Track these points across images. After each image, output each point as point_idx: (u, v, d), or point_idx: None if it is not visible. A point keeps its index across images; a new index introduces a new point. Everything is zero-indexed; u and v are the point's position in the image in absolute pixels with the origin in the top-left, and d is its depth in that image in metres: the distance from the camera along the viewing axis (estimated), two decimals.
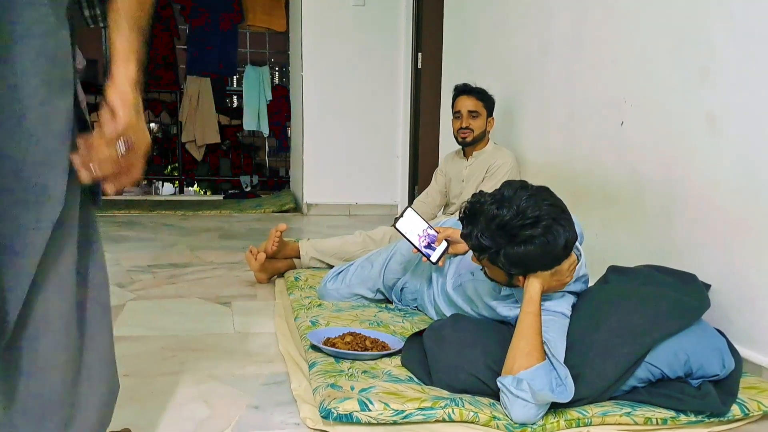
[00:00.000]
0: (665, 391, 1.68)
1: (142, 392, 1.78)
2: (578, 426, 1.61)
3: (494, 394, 1.66)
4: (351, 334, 2.04)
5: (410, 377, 1.79)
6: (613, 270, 2.06)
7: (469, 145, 3.43)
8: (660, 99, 2.36)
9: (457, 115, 3.41)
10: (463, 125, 3.38)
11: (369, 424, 1.55)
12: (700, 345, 1.72)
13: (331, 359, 1.88)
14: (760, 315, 1.93)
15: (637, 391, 1.71)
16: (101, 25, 5.61)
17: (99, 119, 1.04)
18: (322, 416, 1.55)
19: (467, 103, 3.36)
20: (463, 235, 1.78)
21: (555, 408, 1.63)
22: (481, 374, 1.69)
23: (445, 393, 1.69)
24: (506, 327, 1.90)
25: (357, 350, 1.93)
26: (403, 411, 1.56)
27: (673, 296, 1.78)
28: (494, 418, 1.59)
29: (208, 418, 1.64)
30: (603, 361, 1.67)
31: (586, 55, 2.85)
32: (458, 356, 1.73)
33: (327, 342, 1.98)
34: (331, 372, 1.77)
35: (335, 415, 1.53)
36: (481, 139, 3.42)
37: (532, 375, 1.58)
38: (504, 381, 1.60)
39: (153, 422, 1.61)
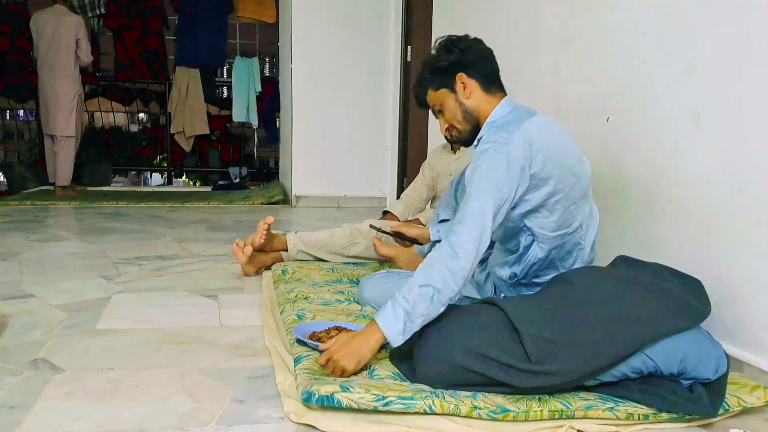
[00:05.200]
0: (657, 391, 1.68)
1: (126, 385, 1.79)
2: (561, 418, 1.62)
3: (479, 378, 1.67)
4: (336, 328, 2.04)
5: (393, 375, 1.79)
6: (623, 260, 2.05)
7: (457, 141, 3.43)
8: (645, 95, 2.37)
9: None
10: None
11: (350, 409, 1.55)
12: (699, 348, 1.72)
13: (317, 355, 1.88)
14: (741, 310, 1.95)
15: (628, 387, 1.71)
16: (89, 14, 5.70)
17: None
18: (303, 399, 1.56)
19: None
20: (417, 89, 2.20)
21: (540, 397, 1.65)
22: (462, 361, 1.68)
23: (425, 387, 1.69)
24: (485, 306, 1.89)
25: None
26: (384, 397, 1.56)
27: (680, 295, 1.78)
28: (475, 408, 1.59)
29: (192, 411, 1.64)
30: (603, 341, 1.66)
31: (573, 50, 2.86)
32: (437, 348, 1.74)
33: (312, 336, 1.98)
34: (315, 369, 1.77)
35: (317, 396, 1.54)
36: None
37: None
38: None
39: (137, 416, 1.61)
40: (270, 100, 7.88)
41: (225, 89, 9.06)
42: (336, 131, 6.07)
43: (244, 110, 7.73)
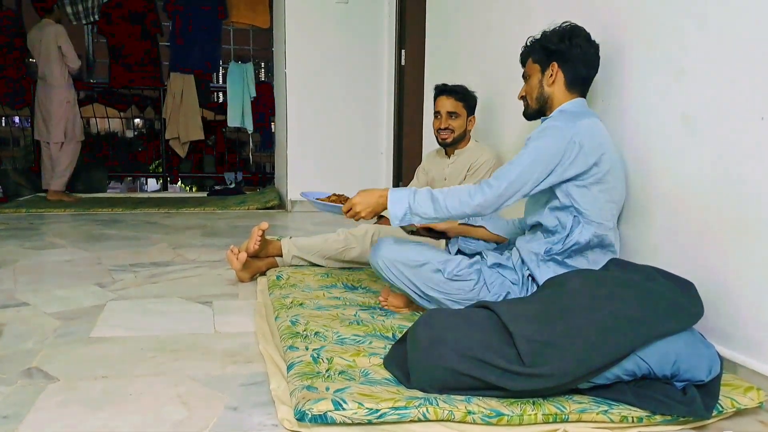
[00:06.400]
0: (651, 393, 1.69)
1: (120, 394, 1.79)
2: (555, 421, 1.62)
3: (473, 382, 1.68)
4: (335, 194, 2.61)
5: (387, 379, 1.79)
6: (616, 263, 2.07)
7: (449, 145, 3.43)
8: (636, 98, 2.38)
9: (437, 115, 3.40)
10: (443, 126, 3.37)
11: (344, 424, 1.55)
12: (691, 350, 1.72)
13: (309, 359, 1.89)
14: (734, 312, 1.95)
15: (621, 390, 1.71)
16: (83, 22, 5.76)
17: None
18: (296, 418, 1.56)
19: (446, 104, 3.35)
20: (524, 49, 2.44)
21: (534, 401, 1.65)
22: (456, 365, 1.69)
23: (419, 393, 1.69)
24: (478, 310, 1.90)
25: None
26: (377, 410, 1.57)
27: (673, 297, 1.78)
28: (469, 413, 1.60)
29: (185, 419, 1.64)
30: (596, 344, 1.66)
31: None
32: (430, 353, 1.74)
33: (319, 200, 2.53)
34: (308, 374, 1.77)
35: (310, 416, 1.54)
36: (461, 139, 3.41)
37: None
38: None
39: (130, 424, 1.61)
40: (265, 104, 7.88)
41: (220, 94, 9.06)
42: (331, 136, 6.07)
43: (239, 115, 7.72)
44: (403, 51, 5.58)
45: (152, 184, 11.83)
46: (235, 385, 1.86)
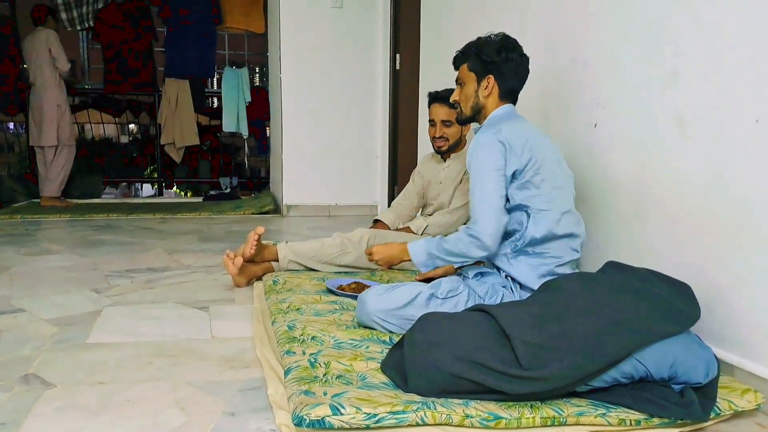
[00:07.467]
0: (649, 396, 1.69)
1: (117, 400, 1.78)
2: (553, 425, 1.62)
3: (470, 385, 1.68)
4: (356, 282, 2.83)
5: (384, 384, 1.79)
6: (612, 265, 2.07)
7: (445, 152, 3.43)
8: (631, 101, 2.39)
9: (431, 123, 3.39)
10: (437, 135, 3.36)
11: (342, 428, 1.55)
12: (688, 352, 1.73)
13: (306, 364, 1.88)
14: (730, 314, 1.96)
15: (619, 393, 1.71)
16: (78, 27, 5.77)
17: None
18: (294, 424, 1.55)
19: (440, 112, 3.33)
20: (460, 54, 2.50)
21: (532, 404, 1.66)
22: (453, 368, 1.69)
23: (416, 397, 1.69)
24: (475, 314, 1.90)
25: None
26: (375, 415, 1.57)
27: (669, 300, 1.78)
28: (467, 416, 1.60)
29: (183, 425, 1.64)
30: (593, 347, 1.67)
31: (559, 57, 2.87)
32: (428, 357, 1.74)
33: (340, 288, 2.75)
34: (306, 378, 1.77)
35: (308, 421, 1.54)
36: (457, 145, 3.41)
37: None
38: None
39: (128, 430, 1.61)
40: (260, 109, 7.86)
41: (215, 99, 9.04)
42: (326, 140, 6.07)
43: (234, 120, 7.71)
44: (397, 55, 5.59)
45: (147, 189, 11.79)
46: (233, 390, 1.86)
